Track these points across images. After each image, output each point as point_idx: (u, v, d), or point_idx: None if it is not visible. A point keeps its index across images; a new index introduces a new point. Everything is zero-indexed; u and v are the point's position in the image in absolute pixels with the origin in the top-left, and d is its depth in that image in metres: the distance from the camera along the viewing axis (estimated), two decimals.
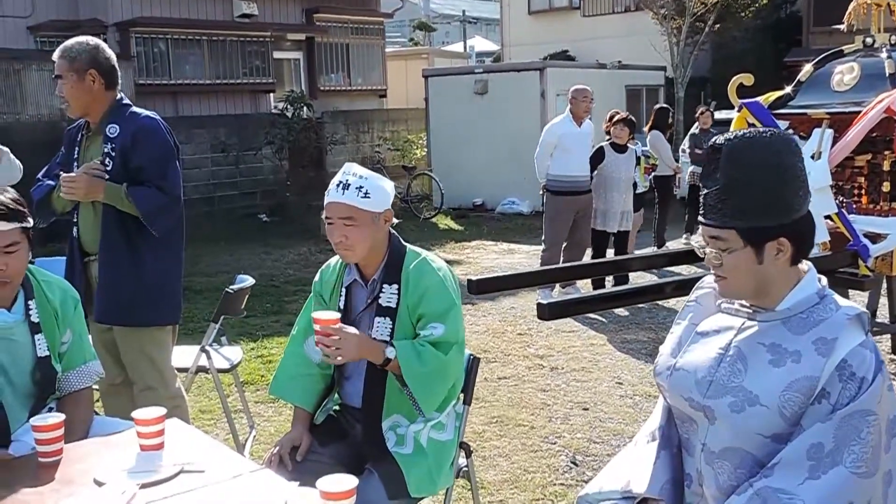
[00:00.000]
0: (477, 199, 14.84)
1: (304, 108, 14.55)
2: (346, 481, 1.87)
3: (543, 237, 8.04)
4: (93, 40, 3.69)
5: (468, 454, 2.93)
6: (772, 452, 1.87)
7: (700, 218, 1.98)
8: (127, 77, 14.59)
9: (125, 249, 3.63)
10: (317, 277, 3.01)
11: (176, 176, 3.68)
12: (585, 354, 6.14)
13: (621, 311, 7.33)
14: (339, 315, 2.73)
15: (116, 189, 3.55)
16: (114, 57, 3.70)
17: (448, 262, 10.23)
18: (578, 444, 4.47)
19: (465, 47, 32.51)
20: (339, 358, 2.66)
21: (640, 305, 7.21)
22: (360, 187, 2.69)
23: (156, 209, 3.60)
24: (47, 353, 2.64)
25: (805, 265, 1.99)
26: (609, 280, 7.73)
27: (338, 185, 2.71)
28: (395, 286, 2.77)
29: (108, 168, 3.58)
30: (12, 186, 2.73)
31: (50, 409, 2.67)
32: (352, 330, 2.68)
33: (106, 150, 3.59)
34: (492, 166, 14.36)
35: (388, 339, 2.74)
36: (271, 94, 17.30)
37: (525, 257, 10.36)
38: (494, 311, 7.53)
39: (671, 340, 2.15)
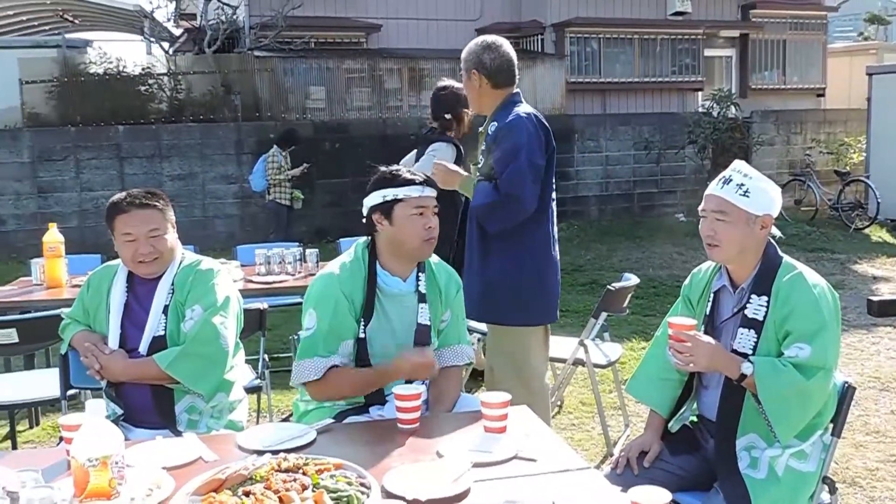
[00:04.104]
0: None
1: (731, 107, 14.07)
2: (659, 495, 1.79)
3: None
4: (485, 42, 3.73)
5: (832, 490, 2.64)
6: None
7: None
8: (559, 75, 15.35)
9: (476, 247, 3.72)
10: (687, 281, 2.94)
11: (515, 175, 3.51)
12: None
13: None
14: (694, 322, 2.63)
15: (469, 181, 3.71)
16: (504, 58, 3.69)
17: (875, 278, 9.38)
18: None
19: None
20: (691, 365, 2.57)
21: None
22: (742, 185, 2.62)
23: (485, 205, 3.60)
24: (428, 322, 2.87)
25: None
26: None
27: (720, 179, 2.67)
28: (765, 298, 2.60)
29: (480, 162, 3.78)
30: None
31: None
32: (706, 338, 2.57)
33: (484, 144, 3.79)
34: None
35: (750, 352, 2.58)
36: (699, 93, 16.97)
37: None
38: None
39: None
